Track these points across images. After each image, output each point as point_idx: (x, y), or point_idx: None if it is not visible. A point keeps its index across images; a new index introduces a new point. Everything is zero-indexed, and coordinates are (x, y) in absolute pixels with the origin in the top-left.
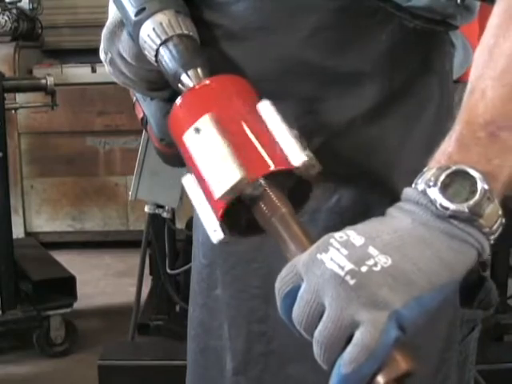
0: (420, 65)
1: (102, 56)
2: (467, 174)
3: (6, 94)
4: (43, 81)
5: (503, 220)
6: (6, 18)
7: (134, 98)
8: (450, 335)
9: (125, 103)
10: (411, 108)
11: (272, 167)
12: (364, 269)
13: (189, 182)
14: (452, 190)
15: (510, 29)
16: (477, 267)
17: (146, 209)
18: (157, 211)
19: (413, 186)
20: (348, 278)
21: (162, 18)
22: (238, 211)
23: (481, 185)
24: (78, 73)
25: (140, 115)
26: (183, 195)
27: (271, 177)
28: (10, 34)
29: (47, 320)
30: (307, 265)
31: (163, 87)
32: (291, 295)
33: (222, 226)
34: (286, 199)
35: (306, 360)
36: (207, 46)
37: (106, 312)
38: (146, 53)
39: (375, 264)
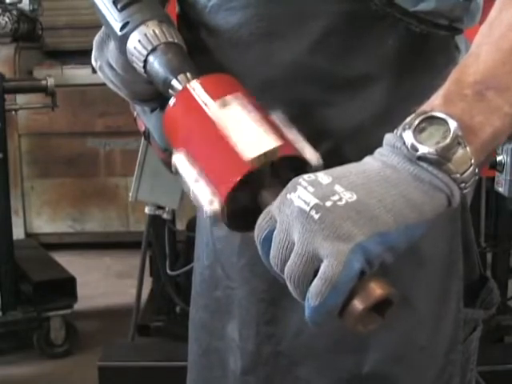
0: (426, 68)
1: (93, 63)
2: (443, 120)
3: (6, 95)
4: (43, 82)
5: (477, 170)
6: (7, 19)
7: (135, 113)
8: (455, 335)
9: (125, 104)
10: None
11: (296, 152)
12: (329, 203)
13: (180, 159)
14: (425, 134)
15: None
16: (478, 266)
17: (147, 210)
18: (157, 212)
19: (394, 132)
20: (313, 212)
21: (145, 29)
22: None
23: (454, 130)
24: (79, 74)
25: (142, 129)
26: (184, 196)
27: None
28: (10, 35)
29: (47, 321)
30: (279, 206)
31: (150, 99)
32: (268, 239)
33: (229, 196)
34: None
35: (313, 363)
36: (213, 52)
37: (106, 313)
38: (135, 65)
39: (340, 199)
